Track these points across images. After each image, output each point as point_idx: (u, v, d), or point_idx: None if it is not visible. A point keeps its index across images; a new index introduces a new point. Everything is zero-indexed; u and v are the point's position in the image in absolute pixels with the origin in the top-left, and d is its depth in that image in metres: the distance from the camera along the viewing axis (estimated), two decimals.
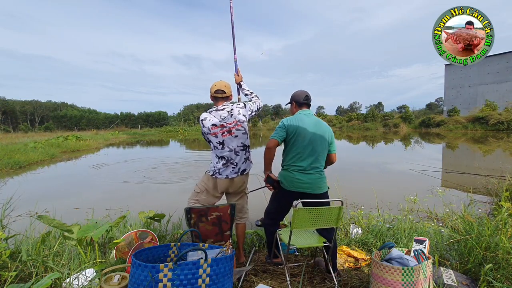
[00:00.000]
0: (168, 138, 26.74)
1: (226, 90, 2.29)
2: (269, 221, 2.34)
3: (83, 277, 1.88)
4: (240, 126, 2.24)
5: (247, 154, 2.32)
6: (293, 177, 2.13)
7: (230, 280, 1.50)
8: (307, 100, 2.33)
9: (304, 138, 2.15)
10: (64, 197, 5.66)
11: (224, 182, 2.27)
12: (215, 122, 2.21)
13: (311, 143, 2.15)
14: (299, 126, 2.17)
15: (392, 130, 29.46)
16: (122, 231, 2.88)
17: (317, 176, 2.15)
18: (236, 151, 2.24)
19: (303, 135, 2.15)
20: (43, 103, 57.60)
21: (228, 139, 2.22)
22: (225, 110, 2.24)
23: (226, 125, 2.21)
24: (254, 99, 2.50)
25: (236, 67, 2.66)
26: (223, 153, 2.22)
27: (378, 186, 5.47)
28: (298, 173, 2.13)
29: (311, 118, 2.23)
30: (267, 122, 45.49)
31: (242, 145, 2.26)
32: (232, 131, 2.22)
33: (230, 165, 2.24)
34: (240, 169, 2.27)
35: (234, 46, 2.72)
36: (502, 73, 32.17)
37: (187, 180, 7.04)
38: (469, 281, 1.90)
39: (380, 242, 2.67)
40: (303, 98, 2.31)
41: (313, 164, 2.14)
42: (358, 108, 73.81)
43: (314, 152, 2.15)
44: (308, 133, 2.15)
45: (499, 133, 20.78)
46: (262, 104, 2.51)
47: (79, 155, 13.49)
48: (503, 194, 3.30)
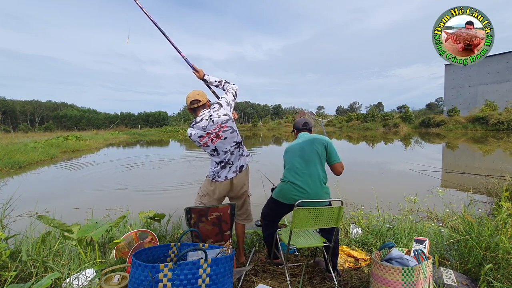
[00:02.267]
0: (168, 138, 26.74)
1: (201, 98, 2.26)
2: (265, 222, 2.36)
3: (83, 277, 1.88)
4: (225, 127, 2.21)
5: (241, 151, 2.30)
6: (288, 187, 2.15)
7: (230, 280, 1.50)
8: (305, 126, 2.46)
9: (295, 151, 2.25)
10: (64, 197, 5.66)
11: (224, 185, 2.26)
12: (201, 134, 2.19)
13: (301, 150, 2.22)
14: (291, 145, 2.33)
15: (392, 130, 29.46)
16: (122, 231, 2.88)
17: (314, 186, 2.12)
18: (231, 152, 2.24)
19: (293, 149, 2.27)
20: (43, 103, 57.66)
21: (220, 143, 2.20)
22: (203, 119, 2.19)
23: (211, 132, 2.18)
24: (227, 87, 2.39)
25: (190, 64, 2.51)
26: (220, 157, 2.23)
27: (378, 186, 5.47)
28: (292, 177, 2.15)
29: (304, 136, 2.34)
30: (267, 122, 45.51)
31: (235, 144, 2.25)
32: (219, 135, 2.19)
33: (227, 165, 2.24)
34: (238, 166, 2.26)
35: (171, 43, 2.54)
36: (502, 73, 32.16)
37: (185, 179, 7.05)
38: (469, 281, 1.90)
39: (380, 242, 2.67)
40: (302, 125, 2.46)
41: (307, 169, 2.15)
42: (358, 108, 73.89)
43: (304, 158, 2.19)
44: (298, 146, 2.26)
45: (499, 133, 20.77)
46: (237, 87, 2.39)
47: (79, 155, 13.50)
48: (503, 194, 3.29)
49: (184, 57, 2.54)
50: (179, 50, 2.54)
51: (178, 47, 2.54)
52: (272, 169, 7.12)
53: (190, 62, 2.52)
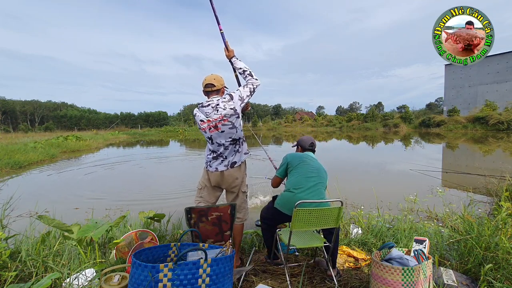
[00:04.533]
0: (168, 138, 26.74)
1: (216, 83, 2.22)
2: (264, 225, 2.36)
3: (83, 277, 1.88)
4: (226, 121, 2.16)
5: (237, 147, 2.25)
6: (293, 196, 2.15)
7: (230, 280, 1.50)
8: (312, 146, 2.44)
9: (308, 167, 2.25)
10: (64, 197, 5.65)
11: (215, 175, 2.26)
12: (202, 118, 2.19)
13: (315, 171, 2.24)
14: (303, 159, 2.30)
15: (392, 130, 29.46)
16: (122, 231, 2.88)
17: (318, 194, 2.17)
18: (225, 146, 2.22)
19: (307, 164, 2.26)
20: (43, 103, 57.64)
21: (216, 135, 2.19)
22: (210, 106, 2.18)
23: (212, 121, 2.17)
24: (248, 80, 2.27)
25: (224, 39, 2.39)
26: (213, 147, 2.24)
27: (378, 186, 5.47)
28: (299, 191, 2.15)
29: (311, 159, 2.34)
30: (267, 122, 45.51)
31: (230, 139, 2.22)
32: (218, 127, 2.17)
33: (219, 157, 2.23)
34: (230, 161, 2.23)
35: (215, 14, 2.41)
36: (502, 73, 32.17)
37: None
38: (469, 281, 1.90)
39: (380, 242, 2.67)
40: (308, 144, 2.44)
41: (316, 188, 2.18)
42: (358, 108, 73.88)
43: (314, 179, 2.20)
44: (311, 165, 2.26)
45: (499, 133, 20.78)
46: (258, 82, 2.25)
47: (79, 155, 13.50)
48: (503, 194, 3.29)
49: (222, 31, 2.41)
50: (219, 22, 2.42)
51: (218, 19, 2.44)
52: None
53: (225, 38, 2.40)
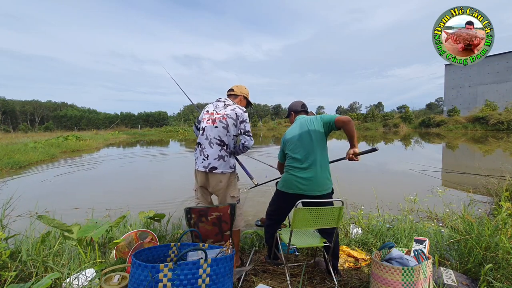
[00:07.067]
0: (168, 138, 26.73)
1: (236, 90, 2.47)
2: (269, 222, 2.35)
3: (83, 277, 1.88)
4: (225, 119, 2.24)
5: (223, 153, 2.22)
6: (292, 177, 2.13)
7: (230, 280, 1.50)
8: (304, 108, 2.44)
9: (294, 141, 2.20)
10: (64, 197, 5.65)
11: (200, 175, 2.27)
12: (209, 109, 2.34)
13: (300, 138, 2.18)
14: (289, 133, 2.28)
15: (392, 130, 29.45)
16: (122, 231, 2.88)
17: (316, 172, 2.10)
18: (211, 142, 2.22)
19: (293, 139, 2.22)
20: (43, 103, 57.56)
21: (209, 127, 2.25)
22: (222, 102, 2.35)
23: (214, 114, 2.28)
24: (241, 148, 2.34)
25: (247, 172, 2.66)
26: (200, 139, 2.28)
27: (378, 186, 5.46)
28: (296, 170, 2.13)
29: (300, 120, 2.29)
30: (267, 122, 45.49)
31: (219, 138, 2.22)
32: (215, 121, 2.25)
33: (201, 155, 2.24)
34: (210, 164, 2.20)
35: (247, 173, 2.65)
36: (502, 73, 32.17)
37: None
38: (469, 281, 1.90)
39: (380, 242, 2.67)
40: (300, 106, 2.43)
41: (309, 157, 2.11)
42: (358, 108, 73.82)
43: (304, 145, 2.15)
44: (297, 135, 2.21)
45: (499, 133, 20.77)
46: (251, 143, 2.31)
47: (79, 155, 13.50)
48: (503, 194, 3.30)
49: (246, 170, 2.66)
50: (251, 176, 2.62)
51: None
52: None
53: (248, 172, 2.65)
